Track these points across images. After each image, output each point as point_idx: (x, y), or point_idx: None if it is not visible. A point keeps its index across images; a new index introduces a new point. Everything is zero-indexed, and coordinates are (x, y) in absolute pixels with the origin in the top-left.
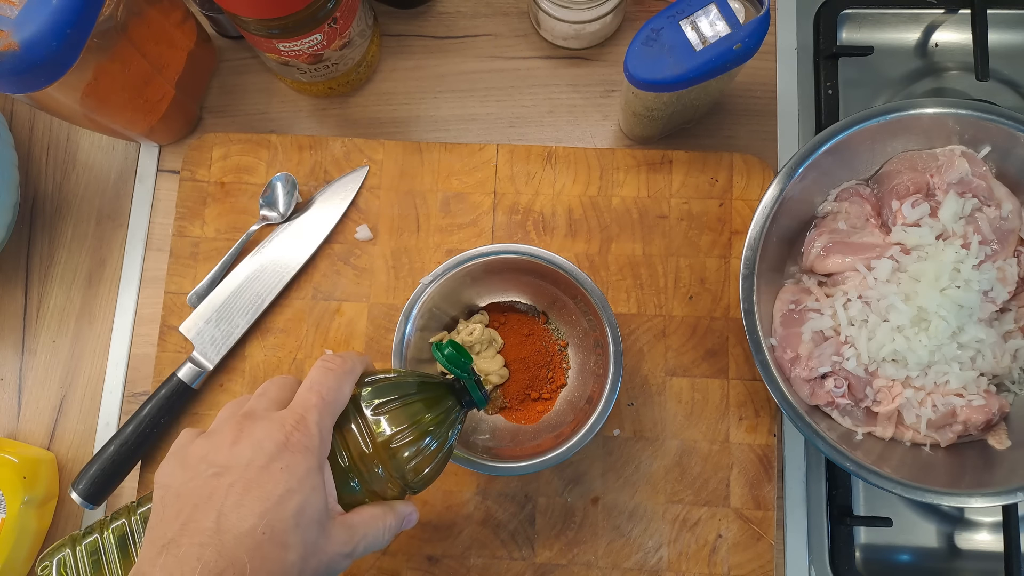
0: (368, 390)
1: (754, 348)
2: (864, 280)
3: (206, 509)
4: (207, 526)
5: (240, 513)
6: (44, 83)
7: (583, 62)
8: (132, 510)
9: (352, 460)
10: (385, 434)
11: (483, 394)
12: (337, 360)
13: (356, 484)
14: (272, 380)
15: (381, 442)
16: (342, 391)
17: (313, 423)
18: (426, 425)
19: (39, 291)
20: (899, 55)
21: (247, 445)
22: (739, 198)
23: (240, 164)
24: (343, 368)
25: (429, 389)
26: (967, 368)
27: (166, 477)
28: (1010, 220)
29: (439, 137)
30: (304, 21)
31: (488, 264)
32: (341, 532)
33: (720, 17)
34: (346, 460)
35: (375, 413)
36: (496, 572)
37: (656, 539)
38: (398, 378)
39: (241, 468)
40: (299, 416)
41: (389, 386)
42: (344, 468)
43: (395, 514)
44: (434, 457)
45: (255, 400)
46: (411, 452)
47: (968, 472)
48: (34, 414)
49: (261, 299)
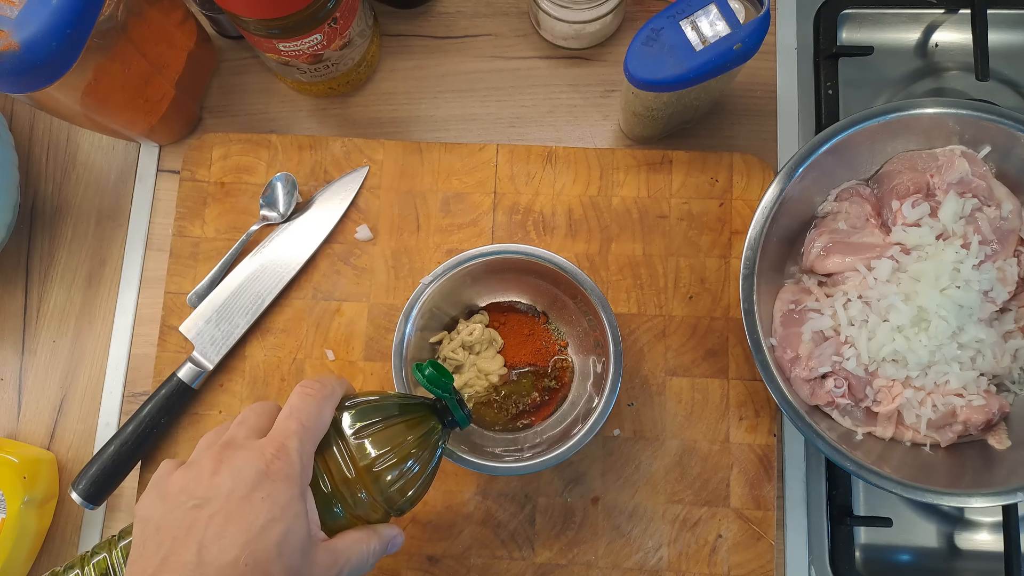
0: (349, 414)
1: (754, 348)
2: (864, 280)
3: (187, 542)
4: (188, 559)
5: (221, 545)
6: (44, 83)
7: (583, 62)
8: (113, 543)
9: (335, 485)
10: (367, 458)
11: (465, 413)
12: (316, 385)
13: (340, 509)
14: (252, 407)
15: (363, 466)
16: (322, 416)
17: (294, 450)
18: (408, 447)
19: (39, 291)
20: (899, 55)
21: (227, 475)
22: (739, 198)
23: (240, 164)
24: (322, 393)
25: (410, 410)
26: (967, 368)
27: (146, 510)
28: (1010, 220)
29: (439, 137)
30: (304, 21)
31: (488, 264)
32: (325, 558)
33: (720, 17)
34: (329, 486)
35: (357, 437)
36: (496, 572)
37: (656, 539)
38: (379, 401)
39: (222, 499)
40: (279, 444)
41: (370, 409)
42: (327, 494)
43: (379, 538)
44: (418, 479)
45: (235, 428)
46: (394, 475)
47: (968, 472)
48: (34, 414)
49: (261, 299)
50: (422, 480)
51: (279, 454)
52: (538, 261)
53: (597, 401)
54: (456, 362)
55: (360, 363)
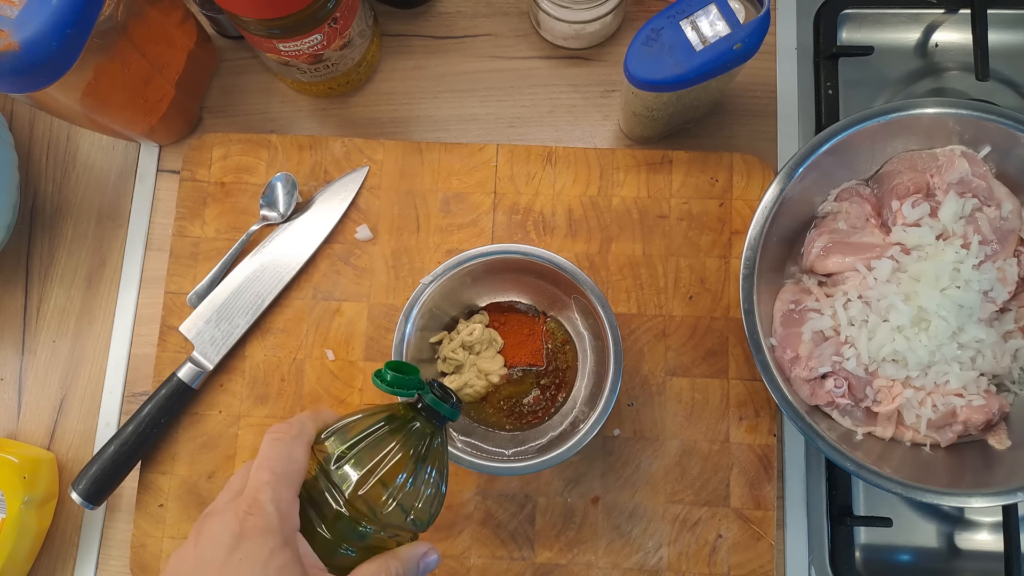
0: (327, 444)
1: (754, 348)
2: (864, 280)
3: None
4: None
5: None
6: (44, 83)
7: (583, 62)
8: None
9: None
10: (351, 484)
11: (452, 405)
12: (283, 427)
13: (349, 550)
14: (238, 471)
15: (350, 494)
16: (293, 458)
17: (267, 501)
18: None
19: (39, 291)
20: (899, 55)
21: (207, 544)
22: (739, 198)
23: (240, 164)
24: (290, 433)
25: (388, 420)
26: (967, 368)
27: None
28: (1010, 220)
29: (439, 137)
30: (304, 21)
31: (488, 264)
32: None
33: (720, 17)
34: (327, 531)
35: (337, 465)
36: (496, 572)
37: (656, 539)
38: (351, 420)
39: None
40: (251, 499)
41: (342, 431)
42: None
43: (401, 561)
44: (419, 489)
45: (220, 496)
46: (389, 492)
47: (968, 472)
48: (34, 414)
49: (261, 299)
50: (427, 489)
51: (251, 510)
52: (538, 261)
53: (597, 401)
54: (456, 362)
55: (360, 363)
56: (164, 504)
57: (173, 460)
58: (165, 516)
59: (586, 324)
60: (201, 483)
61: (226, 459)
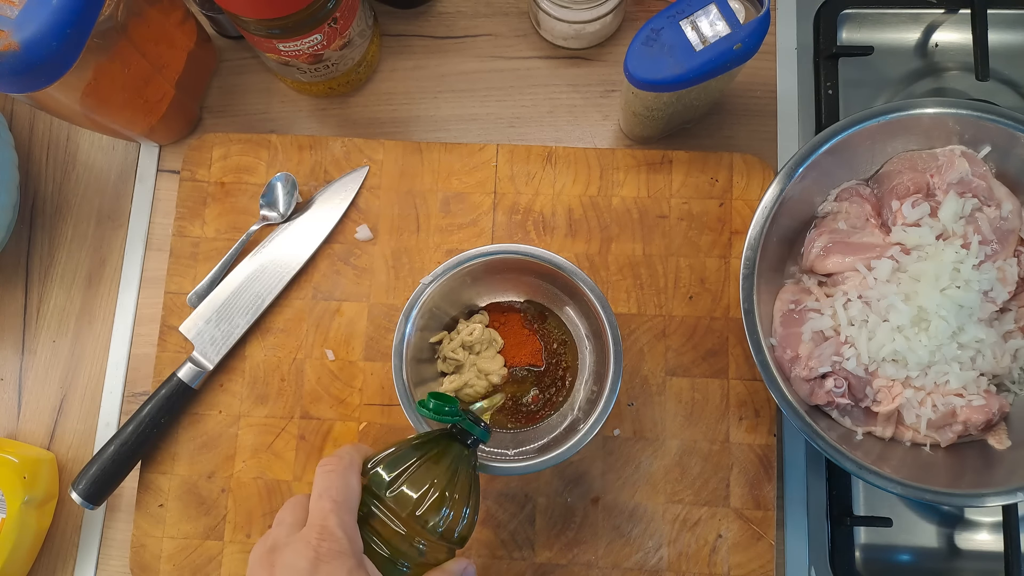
0: (376, 473)
1: (754, 348)
2: (864, 280)
3: None
4: None
5: None
6: (44, 83)
7: (583, 62)
8: None
9: (390, 545)
10: (409, 506)
11: (484, 428)
12: (334, 460)
13: (404, 566)
14: (284, 506)
15: (407, 515)
16: (349, 486)
17: (335, 527)
18: (443, 480)
19: (39, 291)
20: (899, 55)
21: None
22: (739, 198)
23: (240, 164)
24: (342, 464)
25: (431, 446)
26: (967, 368)
27: None
28: (1010, 220)
29: (439, 137)
30: (304, 21)
31: (488, 264)
32: None
33: (720, 17)
34: (385, 548)
35: (391, 491)
36: (496, 572)
37: (656, 539)
38: (398, 450)
39: None
40: (320, 526)
41: (393, 461)
42: (386, 557)
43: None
44: (463, 505)
45: (275, 531)
46: (442, 512)
47: (968, 472)
48: (34, 414)
49: (261, 299)
50: (469, 505)
51: (323, 536)
52: (538, 261)
53: (597, 401)
54: (456, 362)
55: (360, 363)
56: (164, 504)
57: (173, 460)
58: (165, 516)
59: (586, 324)
60: (201, 483)
61: (226, 459)
